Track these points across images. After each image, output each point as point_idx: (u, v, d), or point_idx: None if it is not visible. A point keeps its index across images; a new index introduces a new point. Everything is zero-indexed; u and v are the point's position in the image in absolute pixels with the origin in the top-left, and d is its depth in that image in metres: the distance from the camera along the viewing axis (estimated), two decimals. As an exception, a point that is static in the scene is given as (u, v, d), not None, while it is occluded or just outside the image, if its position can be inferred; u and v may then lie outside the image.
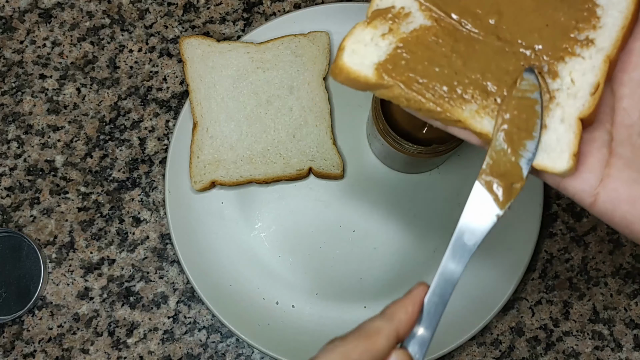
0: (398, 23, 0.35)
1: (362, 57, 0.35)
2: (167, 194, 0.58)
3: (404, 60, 0.35)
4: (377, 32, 0.35)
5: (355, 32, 0.35)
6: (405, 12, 0.35)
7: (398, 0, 0.36)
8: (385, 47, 0.35)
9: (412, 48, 0.35)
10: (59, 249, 0.59)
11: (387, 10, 0.35)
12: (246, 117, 0.58)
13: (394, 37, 0.35)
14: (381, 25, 0.35)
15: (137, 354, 0.57)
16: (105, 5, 0.63)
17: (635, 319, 0.58)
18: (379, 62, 0.35)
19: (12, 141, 0.61)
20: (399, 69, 0.34)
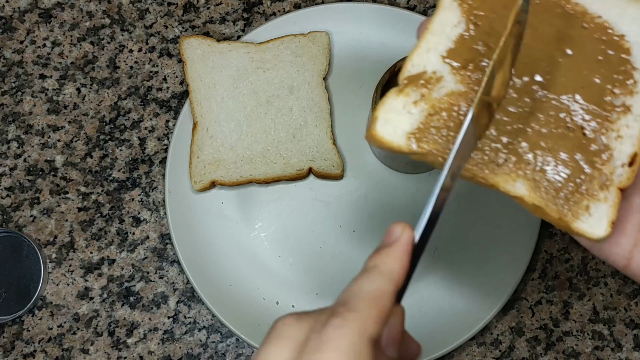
0: (430, 89, 0.35)
1: (395, 126, 0.34)
2: (167, 194, 0.58)
3: (435, 128, 0.34)
4: (409, 99, 0.35)
5: (388, 101, 0.35)
6: (437, 76, 0.35)
7: (430, 65, 0.35)
8: (417, 115, 0.34)
9: (444, 115, 0.34)
10: (59, 249, 0.59)
11: (419, 76, 0.35)
12: (246, 117, 0.58)
13: (425, 104, 0.35)
14: (413, 92, 0.35)
15: (137, 354, 0.57)
16: (105, 5, 0.63)
17: (635, 319, 0.58)
18: (410, 131, 0.34)
19: (12, 141, 0.61)
20: (431, 137, 0.34)
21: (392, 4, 0.62)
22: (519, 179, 0.34)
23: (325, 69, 0.59)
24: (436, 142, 0.34)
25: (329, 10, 0.60)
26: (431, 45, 0.36)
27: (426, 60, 0.35)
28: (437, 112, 0.35)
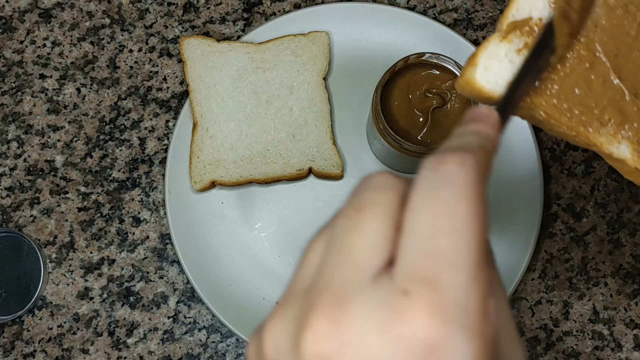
0: (535, 37, 0.32)
1: (496, 75, 0.31)
2: (167, 194, 0.58)
3: (542, 83, 0.32)
4: (512, 46, 0.32)
5: (489, 46, 0.32)
6: (543, 22, 0.32)
7: (535, 11, 0.32)
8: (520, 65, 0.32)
9: (552, 69, 0.32)
10: (59, 249, 0.59)
11: (524, 22, 0.32)
12: (246, 117, 0.58)
13: None
14: (517, 39, 0.32)
15: (137, 354, 0.57)
16: (105, 5, 0.63)
17: (635, 319, 0.58)
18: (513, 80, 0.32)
19: (12, 141, 0.61)
20: (534, 90, 0.32)
21: (392, 4, 0.62)
22: (624, 140, 0.32)
23: (325, 69, 0.59)
24: (538, 96, 0.32)
25: (329, 10, 0.60)
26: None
27: (532, 5, 0.32)
28: None
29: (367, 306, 0.20)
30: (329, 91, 0.60)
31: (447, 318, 0.19)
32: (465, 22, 0.62)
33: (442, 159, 0.21)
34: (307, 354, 0.20)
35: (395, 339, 0.19)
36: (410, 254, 0.20)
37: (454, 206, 0.20)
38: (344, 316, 0.20)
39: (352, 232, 0.21)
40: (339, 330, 0.20)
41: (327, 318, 0.20)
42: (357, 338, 0.20)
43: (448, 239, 0.20)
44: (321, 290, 0.21)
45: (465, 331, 0.19)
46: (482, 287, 0.20)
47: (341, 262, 0.21)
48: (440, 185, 0.21)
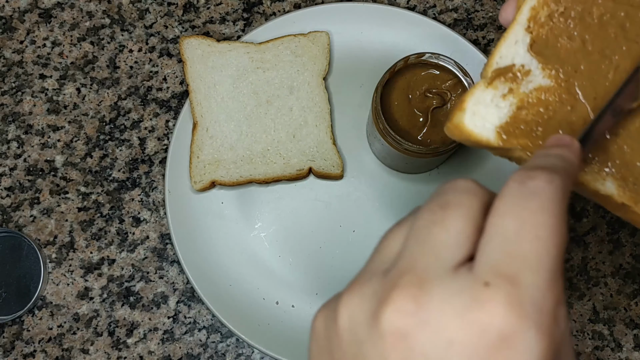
0: (518, 83, 0.34)
1: (483, 119, 0.33)
2: (167, 194, 0.58)
3: (524, 123, 0.33)
4: (498, 92, 0.34)
5: (476, 92, 0.34)
6: (525, 69, 0.34)
7: (518, 58, 0.34)
8: (506, 109, 0.34)
9: (533, 110, 0.34)
10: (59, 249, 0.59)
11: (508, 69, 0.34)
12: (246, 117, 0.58)
13: (514, 98, 0.34)
14: (501, 85, 0.34)
15: (137, 354, 0.57)
16: (105, 5, 0.63)
17: (635, 319, 0.58)
18: (500, 124, 0.33)
19: (12, 141, 0.61)
20: (520, 133, 0.33)
21: (392, 4, 0.62)
22: (609, 177, 0.34)
23: (325, 69, 0.59)
24: (524, 138, 0.33)
25: (329, 10, 0.60)
26: (519, 38, 0.35)
27: (514, 52, 0.34)
28: (525, 106, 0.34)
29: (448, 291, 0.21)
30: (329, 91, 0.60)
31: (523, 313, 0.21)
32: (465, 22, 0.62)
33: (532, 175, 0.23)
34: (387, 326, 0.22)
35: (472, 324, 0.21)
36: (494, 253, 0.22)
37: (540, 217, 0.22)
38: (425, 297, 0.21)
39: (437, 226, 0.23)
40: (419, 309, 0.21)
41: (409, 296, 0.22)
42: (436, 318, 0.21)
43: (531, 244, 0.22)
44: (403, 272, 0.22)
45: (537, 328, 0.21)
46: (556, 293, 0.22)
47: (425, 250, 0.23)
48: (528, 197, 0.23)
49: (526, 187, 0.23)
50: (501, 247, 0.22)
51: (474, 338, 0.21)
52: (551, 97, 0.34)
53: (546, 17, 0.35)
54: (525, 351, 0.21)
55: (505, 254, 0.22)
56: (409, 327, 0.21)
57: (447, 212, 0.23)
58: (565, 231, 0.23)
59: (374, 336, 0.22)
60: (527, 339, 0.21)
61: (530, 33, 0.35)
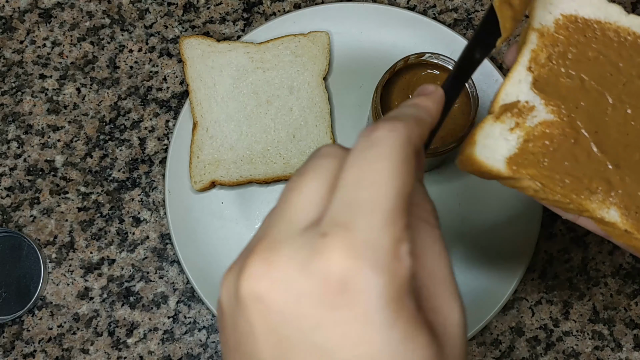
0: (524, 117, 0.37)
1: (493, 151, 0.36)
2: (167, 194, 0.58)
3: (532, 154, 0.36)
4: (505, 126, 0.36)
5: (485, 126, 0.36)
6: (529, 105, 0.37)
7: (522, 95, 0.37)
8: (514, 141, 0.36)
9: (539, 142, 0.36)
10: (59, 249, 0.59)
11: (513, 105, 0.37)
12: (246, 117, 0.58)
13: (521, 131, 0.36)
14: (508, 119, 0.36)
15: (137, 354, 0.57)
16: (105, 5, 0.63)
17: (635, 319, 0.58)
18: (509, 156, 0.36)
19: (12, 141, 0.61)
20: (528, 163, 0.36)
21: (392, 4, 0.62)
22: (612, 205, 0.36)
23: (325, 69, 0.59)
24: (532, 168, 0.36)
25: (329, 10, 0.60)
26: (522, 77, 0.37)
27: (518, 90, 0.37)
28: (532, 139, 0.36)
29: (294, 248, 0.23)
30: (329, 91, 0.60)
31: (357, 254, 0.22)
32: (465, 22, 0.62)
33: (375, 127, 0.24)
34: (244, 292, 0.23)
35: (314, 274, 0.22)
36: (334, 205, 0.23)
37: (377, 164, 0.23)
38: (274, 257, 0.23)
39: (292, 192, 0.25)
40: (270, 269, 0.23)
41: (260, 260, 0.23)
42: (284, 275, 0.22)
43: (367, 190, 0.23)
44: (259, 240, 0.24)
45: (373, 267, 0.22)
46: (395, 231, 0.22)
47: (279, 217, 0.24)
48: (369, 147, 0.24)
49: (369, 138, 0.24)
50: (340, 198, 0.23)
51: (318, 287, 0.22)
52: (555, 131, 0.36)
53: (546, 59, 0.38)
54: (364, 290, 0.22)
55: (343, 203, 0.23)
56: (262, 288, 0.23)
57: (302, 177, 0.25)
58: (407, 174, 0.23)
59: (239, 305, 0.23)
60: (364, 278, 0.22)
61: (532, 73, 0.37)
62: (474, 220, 0.58)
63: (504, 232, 0.57)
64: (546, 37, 0.38)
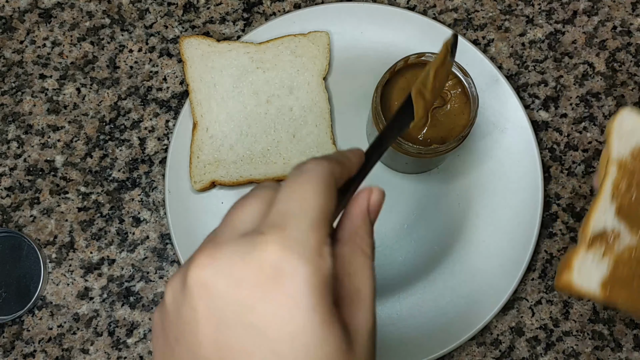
0: (612, 244, 0.41)
1: (589, 278, 0.41)
2: (167, 194, 0.58)
3: (622, 278, 0.41)
4: (597, 253, 0.41)
5: (580, 253, 0.41)
6: (615, 232, 0.41)
7: (608, 223, 0.42)
8: (605, 267, 0.41)
9: (627, 266, 0.41)
10: (59, 249, 0.59)
11: (602, 233, 0.41)
12: (246, 117, 0.58)
13: (610, 257, 0.41)
14: (599, 246, 0.41)
15: (137, 354, 0.57)
16: (105, 5, 0.63)
17: (635, 319, 0.58)
18: (602, 281, 0.41)
19: (12, 141, 0.61)
20: (620, 286, 0.41)
21: (392, 4, 0.62)
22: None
23: (325, 69, 0.59)
24: (624, 289, 0.41)
25: (329, 10, 0.60)
26: (607, 207, 0.42)
27: (605, 219, 0.42)
28: (621, 263, 0.41)
29: (236, 244, 0.27)
30: (329, 91, 0.60)
31: (289, 248, 0.27)
32: (465, 22, 0.62)
33: (305, 162, 0.31)
34: (191, 281, 0.27)
35: (252, 262, 0.27)
36: (271, 214, 0.28)
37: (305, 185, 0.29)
38: (218, 252, 0.27)
39: (235, 209, 0.30)
40: (214, 261, 0.27)
41: (205, 254, 0.28)
42: (227, 265, 0.27)
43: (297, 202, 0.28)
44: (205, 242, 0.29)
45: (300, 257, 0.27)
46: (319, 235, 0.28)
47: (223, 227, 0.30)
48: (299, 175, 0.30)
49: (300, 169, 0.30)
50: (276, 209, 0.28)
51: (255, 273, 0.27)
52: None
53: (626, 188, 0.42)
54: (293, 275, 0.26)
55: (278, 212, 0.28)
56: (207, 276, 0.27)
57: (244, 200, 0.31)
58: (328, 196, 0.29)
59: (185, 294, 0.28)
60: (294, 265, 0.26)
61: (615, 201, 0.42)
62: (474, 220, 0.58)
63: (503, 231, 0.57)
64: (625, 168, 0.42)
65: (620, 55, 0.62)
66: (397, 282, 0.57)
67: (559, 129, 0.61)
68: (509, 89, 0.59)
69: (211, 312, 0.27)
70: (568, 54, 0.62)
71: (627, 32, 0.62)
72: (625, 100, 0.60)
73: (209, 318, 0.27)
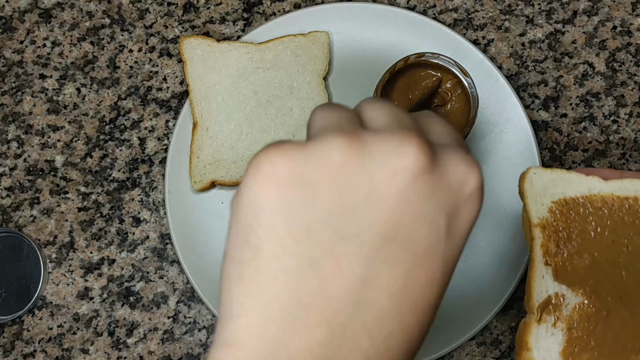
0: (560, 309, 0.40)
1: (549, 350, 0.40)
2: (167, 194, 0.58)
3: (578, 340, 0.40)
4: (549, 323, 0.40)
5: (532, 330, 0.40)
6: (559, 295, 0.41)
7: (550, 289, 0.41)
8: (560, 334, 0.40)
9: (580, 326, 0.40)
10: (59, 249, 0.59)
11: (547, 301, 0.41)
12: (246, 117, 0.58)
13: (562, 322, 0.40)
14: (548, 316, 0.40)
15: (137, 354, 0.57)
16: (105, 5, 0.63)
17: None
18: (561, 350, 0.40)
19: (12, 141, 0.61)
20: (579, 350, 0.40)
21: (392, 4, 0.62)
22: None
23: (325, 69, 0.59)
24: (585, 353, 0.39)
25: (329, 10, 0.60)
26: (543, 272, 0.41)
27: (545, 286, 0.41)
28: (573, 326, 0.40)
29: (378, 136, 0.27)
30: (329, 91, 0.60)
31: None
32: (465, 22, 0.62)
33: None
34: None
35: (405, 155, 0.26)
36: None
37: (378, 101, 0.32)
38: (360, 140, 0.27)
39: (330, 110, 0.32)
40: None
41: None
42: (378, 153, 0.26)
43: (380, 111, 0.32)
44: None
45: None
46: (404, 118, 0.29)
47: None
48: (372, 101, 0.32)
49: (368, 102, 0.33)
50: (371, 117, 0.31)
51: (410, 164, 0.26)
52: (589, 310, 0.40)
53: (555, 249, 0.41)
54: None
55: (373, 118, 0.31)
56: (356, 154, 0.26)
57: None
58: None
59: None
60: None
61: (550, 265, 0.41)
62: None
63: (503, 231, 0.57)
64: (547, 228, 0.41)
65: (620, 55, 0.62)
66: (397, 282, 0.57)
67: (559, 129, 0.61)
68: (509, 89, 0.59)
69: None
70: (568, 54, 0.62)
71: (627, 32, 0.62)
72: (625, 101, 0.61)
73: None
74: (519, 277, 0.56)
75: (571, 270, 0.41)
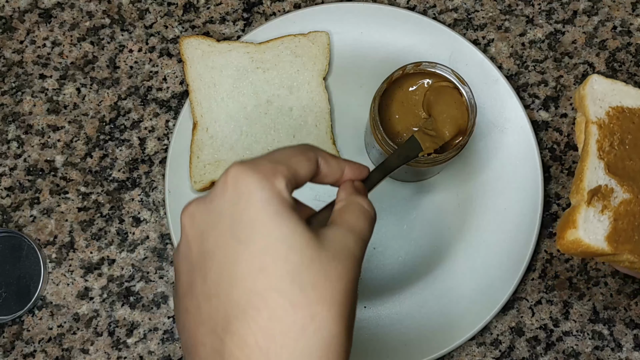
0: (608, 199, 0.42)
1: (595, 233, 0.41)
2: (167, 194, 0.58)
3: (623, 231, 0.42)
4: (596, 209, 0.42)
5: (581, 210, 0.42)
6: (609, 188, 0.43)
7: (600, 180, 0.43)
8: (606, 222, 0.42)
9: (625, 219, 0.42)
10: (59, 249, 0.59)
11: (597, 189, 0.42)
12: (246, 117, 0.58)
13: (609, 212, 0.42)
14: (597, 203, 0.42)
15: (137, 354, 0.57)
16: (105, 5, 0.63)
17: (635, 319, 0.58)
18: (606, 235, 0.41)
19: (12, 141, 0.61)
20: (624, 240, 0.41)
21: (392, 4, 0.62)
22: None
23: (325, 69, 0.59)
24: (628, 243, 0.41)
25: (329, 10, 0.60)
26: (596, 164, 0.43)
27: (597, 176, 0.43)
28: (619, 217, 0.42)
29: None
30: (329, 91, 0.60)
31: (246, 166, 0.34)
32: (465, 22, 0.62)
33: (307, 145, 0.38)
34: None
35: (220, 181, 0.34)
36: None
37: (288, 149, 0.37)
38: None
39: None
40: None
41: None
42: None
43: (277, 154, 0.37)
44: None
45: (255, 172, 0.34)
46: (276, 168, 0.35)
47: None
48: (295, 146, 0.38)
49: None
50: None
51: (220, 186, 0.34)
52: (635, 208, 0.42)
53: (609, 147, 0.44)
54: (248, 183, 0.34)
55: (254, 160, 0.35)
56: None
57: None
58: (302, 162, 0.38)
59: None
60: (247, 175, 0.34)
61: (603, 159, 0.43)
62: (474, 221, 0.58)
63: (503, 232, 0.57)
64: (604, 128, 0.44)
65: (620, 55, 0.62)
66: (397, 282, 0.57)
67: (559, 129, 0.61)
68: (509, 89, 0.59)
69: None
70: (568, 54, 0.62)
71: (627, 32, 0.62)
72: (625, 100, 0.61)
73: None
74: (519, 277, 0.56)
75: (622, 169, 0.43)
